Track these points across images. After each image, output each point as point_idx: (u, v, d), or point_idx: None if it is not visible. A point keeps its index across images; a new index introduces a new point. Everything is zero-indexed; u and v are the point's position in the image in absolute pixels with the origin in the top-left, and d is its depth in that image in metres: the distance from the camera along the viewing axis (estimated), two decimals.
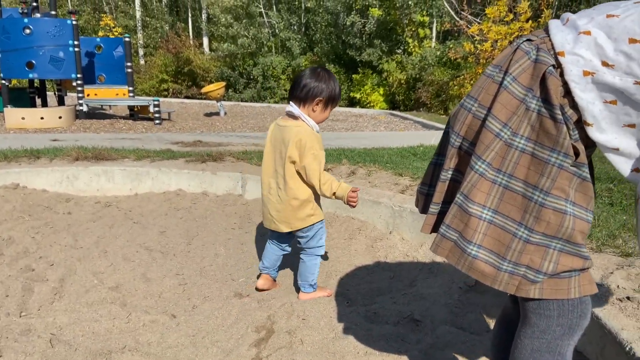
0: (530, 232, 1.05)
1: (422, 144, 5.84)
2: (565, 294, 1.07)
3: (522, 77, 1.05)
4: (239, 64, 17.72)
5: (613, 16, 0.99)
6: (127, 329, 2.19)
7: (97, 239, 3.22)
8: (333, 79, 2.28)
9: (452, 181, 1.20)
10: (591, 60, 0.99)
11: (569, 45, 1.02)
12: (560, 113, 1.01)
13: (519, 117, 1.05)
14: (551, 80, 1.01)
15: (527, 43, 1.08)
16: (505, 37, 10.96)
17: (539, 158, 1.04)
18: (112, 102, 9.47)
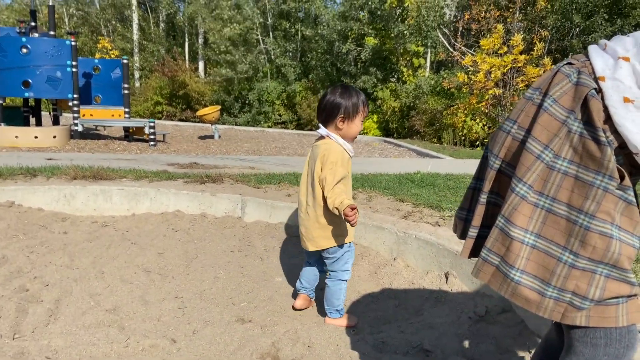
0: (575, 256, 1.02)
1: (419, 170, 5.85)
2: (613, 322, 1.03)
3: (563, 99, 1.05)
4: (234, 89, 17.83)
5: None
6: (125, 354, 2.11)
7: (93, 259, 3.14)
8: (350, 91, 2.28)
9: (491, 204, 1.17)
10: (631, 87, 0.99)
11: (610, 70, 1.02)
12: (603, 135, 0.99)
13: (561, 139, 1.04)
14: (593, 103, 1.01)
15: (568, 66, 1.09)
16: (498, 68, 11.16)
17: (583, 180, 1.02)
18: (107, 122, 9.42)
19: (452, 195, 4.31)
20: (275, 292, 2.81)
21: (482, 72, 11.27)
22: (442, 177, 5.36)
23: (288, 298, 2.73)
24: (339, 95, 2.25)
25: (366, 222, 3.37)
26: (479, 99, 11.62)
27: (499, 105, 11.72)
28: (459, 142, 11.96)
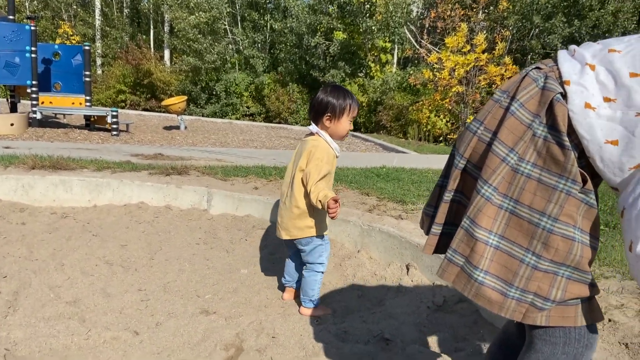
0: (538, 258, 1.04)
1: (385, 165, 5.94)
2: (572, 321, 1.06)
3: (529, 104, 1.07)
4: (202, 79, 17.56)
5: (615, 51, 1.02)
6: (86, 346, 2.09)
7: (53, 251, 3.07)
8: (339, 91, 2.34)
9: (455, 203, 1.20)
10: (594, 94, 1.01)
11: (576, 75, 1.04)
12: (567, 140, 1.02)
13: (525, 142, 1.06)
14: (558, 108, 1.02)
15: (536, 71, 1.10)
16: (462, 66, 11.40)
17: (546, 184, 1.04)
18: (68, 110, 9.14)
19: (415, 189, 4.40)
20: (240, 284, 2.82)
21: (446, 70, 11.49)
22: (406, 172, 5.47)
23: (253, 290, 2.75)
24: (328, 94, 2.32)
25: None
26: (443, 95, 11.86)
27: (462, 102, 11.99)
28: (423, 138, 12.19)
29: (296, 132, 13.06)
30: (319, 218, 2.38)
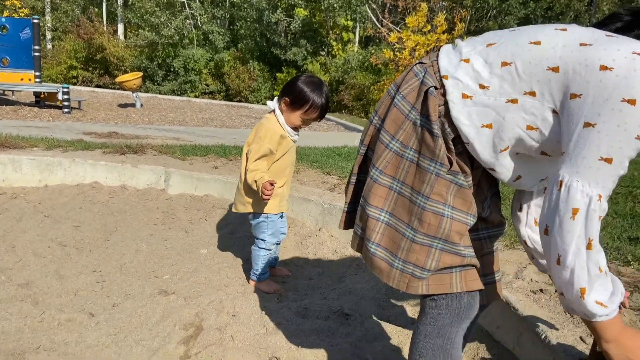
0: (415, 232, 1.16)
1: (347, 144, 5.97)
2: (447, 288, 1.18)
3: (409, 96, 1.18)
4: (158, 55, 17.00)
5: (491, 44, 1.14)
6: (40, 328, 2.03)
7: (3, 232, 2.95)
8: (313, 85, 2.27)
9: (360, 184, 1.33)
10: (469, 84, 1.12)
11: (452, 69, 1.14)
12: (437, 128, 1.13)
13: (406, 131, 1.18)
14: (431, 100, 1.13)
15: (419, 65, 1.21)
16: (423, 46, 11.49)
17: (422, 167, 1.16)
18: (16, 87, 8.69)
19: None
20: (200, 264, 2.79)
21: (407, 50, 11.56)
22: None
23: (213, 270, 2.73)
24: (303, 81, 2.28)
25: (293, 194, 3.41)
26: None
27: None
28: None
29: (257, 110, 12.91)
30: (258, 195, 2.37)
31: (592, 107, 0.98)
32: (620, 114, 0.95)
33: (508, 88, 1.08)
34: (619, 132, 0.96)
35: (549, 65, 1.04)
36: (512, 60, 1.08)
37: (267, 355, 1.90)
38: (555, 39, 1.06)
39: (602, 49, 1.00)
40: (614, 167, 0.98)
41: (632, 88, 0.94)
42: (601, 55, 0.99)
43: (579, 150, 0.99)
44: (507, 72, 1.08)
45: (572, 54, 1.02)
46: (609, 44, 1.01)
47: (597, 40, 1.02)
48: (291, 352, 1.91)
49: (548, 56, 1.04)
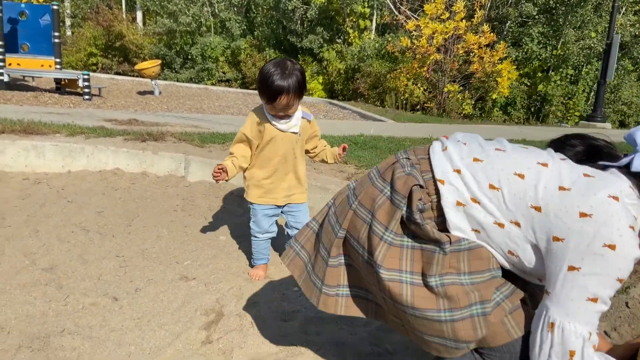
0: (451, 312, 1.20)
1: (362, 133, 5.95)
2: (506, 336, 1.20)
3: (397, 185, 1.23)
4: (177, 42, 17.05)
5: (478, 160, 1.20)
6: (65, 312, 2.09)
7: (27, 217, 3.01)
8: (266, 74, 2.15)
9: (349, 267, 1.37)
10: (464, 193, 1.18)
11: (447, 176, 1.20)
12: (419, 218, 1.19)
13: (397, 220, 1.23)
14: (415, 194, 1.20)
15: (406, 160, 1.28)
16: (441, 34, 11.34)
17: (426, 250, 1.22)
18: (37, 73, 8.81)
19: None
20: (219, 250, 2.83)
21: (424, 37, 11.42)
22: (384, 140, 5.50)
23: (232, 256, 2.76)
24: (261, 71, 2.18)
25: (311, 183, 3.42)
26: (421, 64, 11.82)
27: (440, 70, 11.99)
28: (400, 106, 12.19)
29: None
30: (249, 183, 2.44)
31: (575, 251, 1.04)
32: (602, 258, 1.02)
33: (496, 211, 1.15)
34: (602, 275, 1.02)
35: (532, 203, 1.11)
36: (499, 187, 1.15)
37: (287, 342, 1.93)
38: (538, 176, 1.12)
39: (580, 196, 1.06)
40: (599, 305, 1.04)
41: (611, 233, 1.01)
42: (580, 202, 1.05)
43: (566, 292, 1.05)
44: (494, 197, 1.15)
45: (553, 199, 1.09)
46: (587, 188, 1.07)
47: (575, 184, 1.09)
48: (310, 339, 1.94)
49: (531, 194, 1.11)
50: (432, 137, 6.11)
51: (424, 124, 8.80)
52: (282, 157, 2.37)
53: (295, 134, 2.36)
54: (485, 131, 7.79)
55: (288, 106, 2.20)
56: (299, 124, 2.35)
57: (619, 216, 1.02)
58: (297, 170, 2.44)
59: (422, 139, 5.84)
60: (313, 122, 2.45)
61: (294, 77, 2.13)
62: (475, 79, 12.03)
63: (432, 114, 11.75)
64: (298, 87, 2.15)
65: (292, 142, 2.36)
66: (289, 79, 2.12)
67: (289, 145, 2.36)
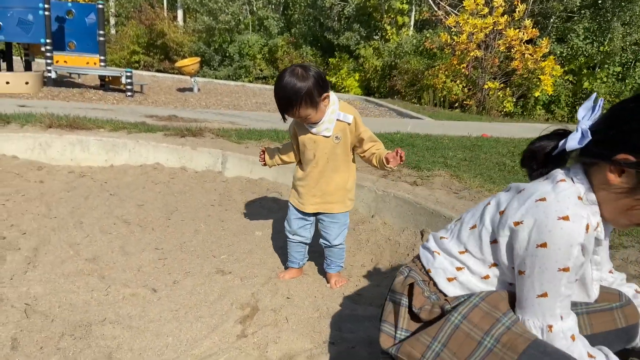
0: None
1: (399, 131, 5.89)
2: None
3: (397, 287, 1.39)
4: (215, 40, 17.33)
5: (444, 238, 1.39)
6: (106, 302, 2.15)
7: (72, 209, 3.12)
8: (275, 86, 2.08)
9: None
10: (447, 269, 1.33)
11: (430, 262, 1.38)
12: (417, 309, 1.32)
13: (403, 317, 1.35)
14: (416, 290, 1.34)
15: (405, 267, 1.45)
16: (480, 30, 11.09)
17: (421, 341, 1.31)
18: (82, 70, 9.12)
19: (430, 155, 4.37)
20: (255, 245, 2.85)
21: (465, 34, 11.20)
22: (421, 138, 5.42)
23: (268, 252, 2.78)
24: (277, 81, 2.06)
25: None
26: (460, 60, 11.59)
27: (480, 67, 11.72)
28: (438, 103, 12.01)
29: None
30: (293, 186, 2.39)
31: (519, 258, 1.18)
32: (537, 258, 1.13)
33: (475, 268, 1.32)
34: (542, 272, 1.13)
35: (490, 240, 1.27)
36: (465, 249, 1.34)
37: (321, 338, 1.92)
38: (482, 217, 1.31)
39: (512, 210, 1.20)
40: (552, 298, 1.15)
41: (541, 234, 1.12)
42: (512, 215, 1.19)
43: (520, 293, 1.20)
44: (467, 258, 1.33)
45: (496, 224, 1.25)
46: (517, 201, 1.20)
47: (509, 203, 1.23)
48: (344, 336, 1.93)
49: (484, 233, 1.29)
50: (471, 135, 5.98)
51: (462, 121, 8.63)
52: (314, 162, 2.21)
53: (327, 137, 2.15)
54: (526, 130, 7.57)
55: (303, 117, 2.08)
56: (331, 126, 2.13)
57: (545, 214, 1.12)
58: (333, 177, 2.23)
59: (460, 137, 5.72)
60: (356, 123, 2.16)
61: (292, 93, 1.97)
62: (517, 76, 11.71)
63: (471, 111, 11.51)
64: (301, 100, 1.99)
65: (326, 146, 2.17)
66: (286, 98, 2.00)
67: (322, 150, 2.18)
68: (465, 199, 3.05)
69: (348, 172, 2.26)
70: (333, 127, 2.14)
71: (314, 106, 2.04)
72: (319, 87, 2.01)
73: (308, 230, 2.40)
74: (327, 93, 2.06)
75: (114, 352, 1.79)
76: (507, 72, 11.84)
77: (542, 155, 1.30)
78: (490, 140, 5.70)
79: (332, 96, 2.11)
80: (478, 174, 3.78)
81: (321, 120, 2.11)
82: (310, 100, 2.00)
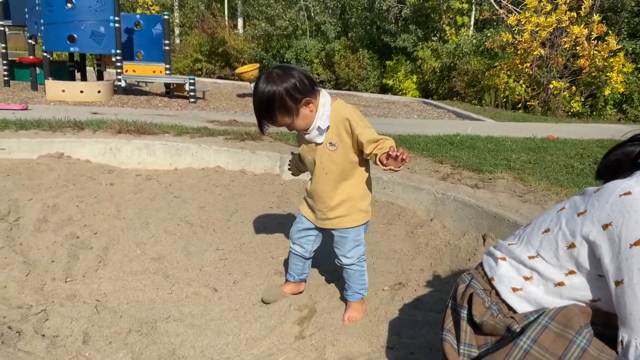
0: None
1: (459, 132, 5.73)
2: None
3: (459, 299, 1.33)
4: (273, 46, 17.68)
5: (513, 244, 1.29)
6: (170, 300, 2.22)
7: (139, 210, 3.27)
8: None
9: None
10: (513, 277, 1.24)
11: (493, 270, 1.29)
12: (478, 318, 1.26)
13: (464, 330, 1.30)
14: (475, 299, 1.27)
15: (467, 275, 1.37)
16: (544, 28, 10.61)
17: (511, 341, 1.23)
18: (149, 78, 9.56)
19: (492, 158, 4.22)
20: None
21: (527, 32, 10.75)
22: (482, 140, 5.25)
23: (325, 254, 2.78)
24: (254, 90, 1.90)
25: (404, 182, 3.36)
26: (523, 59, 11.14)
27: (544, 66, 11.22)
28: (500, 104, 11.60)
29: (365, 99, 12.89)
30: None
31: (612, 266, 1.03)
32: (634, 259, 0.99)
33: (546, 274, 1.21)
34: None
35: (566, 245, 1.16)
36: (536, 254, 1.25)
37: (379, 343, 1.90)
38: (558, 220, 1.21)
39: (596, 210, 1.09)
40: None
41: (632, 230, 1.00)
42: (598, 216, 1.07)
43: (622, 309, 1.03)
44: (538, 263, 1.23)
45: (577, 228, 1.13)
46: (598, 200, 1.10)
47: (589, 202, 1.13)
48: (403, 342, 1.89)
49: (560, 238, 1.17)
50: (536, 136, 5.72)
51: (526, 122, 8.29)
52: (315, 173, 2.01)
53: (319, 144, 1.94)
54: (595, 130, 7.16)
55: (284, 126, 1.89)
56: (321, 133, 1.91)
57: (634, 208, 1.00)
58: (337, 188, 1.98)
59: (524, 139, 5.49)
60: (351, 125, 1.87)
61: (265, 99, 1.81)
62: (584, 74, 11.10)
63: (535, 112, 11.04)
64: (272, 107, 1.81)
65: (322, 154, 1.95)
66: (259, 104, 1.84)
67: (319, 159, 1.96)
68: (530, 203, 2.92)
69: (356, 180, 1.99)
70: (325, 133, 1.91)
71: (289, 113, 1.83)
72: (297, 91, 1.80)
73: (310, 244, 2.20)
74: (309, 98, 1.83)
75: (177, 349, 1.85)
76: (574, 71, 11.27)
77: (629, 161, 1.17)
78: (557, 142, 5.44)
79: (323, 99, 1.88)
80: (544, 176, 3.61)
81: (311, 127, 1.89)
82: (284, 106, 1.80)
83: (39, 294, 2.16)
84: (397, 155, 1.67)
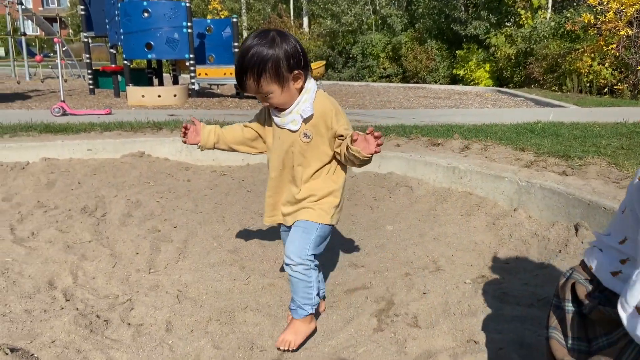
0: None
1: (539, 120, 5.39)
2: None
3: (561, 292, 1.21)
4: (338, 43, 17.67)
5: (606, 234, 1.17)
6: (247, 290, 2.23)
7: (214, 205, 3.34)
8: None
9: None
10: (612, 262, 1.12)
11: (592, 259, 1.17)
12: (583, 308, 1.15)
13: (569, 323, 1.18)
14: (579, 287, 1.17)
15: (569, 269, 1.26)
16: (630, 5, 9.77)
17: None
18: (221, 81, 9.85)
19: (579, 144, 3.92)
20: (386, 240, 2.78)
21: (612, 11, 9.96)
22: (566, 127, 4.90)
23: (400, 246, 2.69)
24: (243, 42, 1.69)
25: (483, 171, 3.19)
26: (608, 40, 10.33)
27: (633, 47, 10.34)
28: (584, 90, 10.83)
29: (435, 91, 12.52)
30: None
31: None
32: None
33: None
34: None
35: None
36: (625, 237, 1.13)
37: (464, 337, 1.79)
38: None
39: None
40: None
41: None
42: None
43: None
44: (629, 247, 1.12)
45: None
46: None
47: None
48: (491, 336, 1.77)
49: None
50: (627, 121, 5.26)
51: (614, 107, 7.67)
52: (279, 162, 1.80)
53: (293, 132, 1.73)
54: None
55: (264, 94, 1.65)
56: (298, 119, 1.70)
57: None
58: (303, 182, 1.78)
59: (614, 124, 5.06)
60: (331, 119, 1.71)
61: (255, 56, 1.58)
62: None
63: (624, 96, 10.21)
64: (263, 67, 1.58)
65: (290, 142, 1.75)
66: (246, 61, 1.60)
67: (287, 147, 1.76)
68: None
69: (325, 177, 1.79)
70: (301, 121, 1.70)
71: (279, 81, 1.61)
72: (293, 60, 1.61)
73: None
74: (301, 71, 1.64)
75: (255, 339, 1.85)
76: None
77: None
78: None
79: (309, 83, 1.70)
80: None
81: (289, 107, 1.69)
82: (276, 71, 1.59)
83: (125, 285, 2.25)
84: (372, 133, 1.56)
